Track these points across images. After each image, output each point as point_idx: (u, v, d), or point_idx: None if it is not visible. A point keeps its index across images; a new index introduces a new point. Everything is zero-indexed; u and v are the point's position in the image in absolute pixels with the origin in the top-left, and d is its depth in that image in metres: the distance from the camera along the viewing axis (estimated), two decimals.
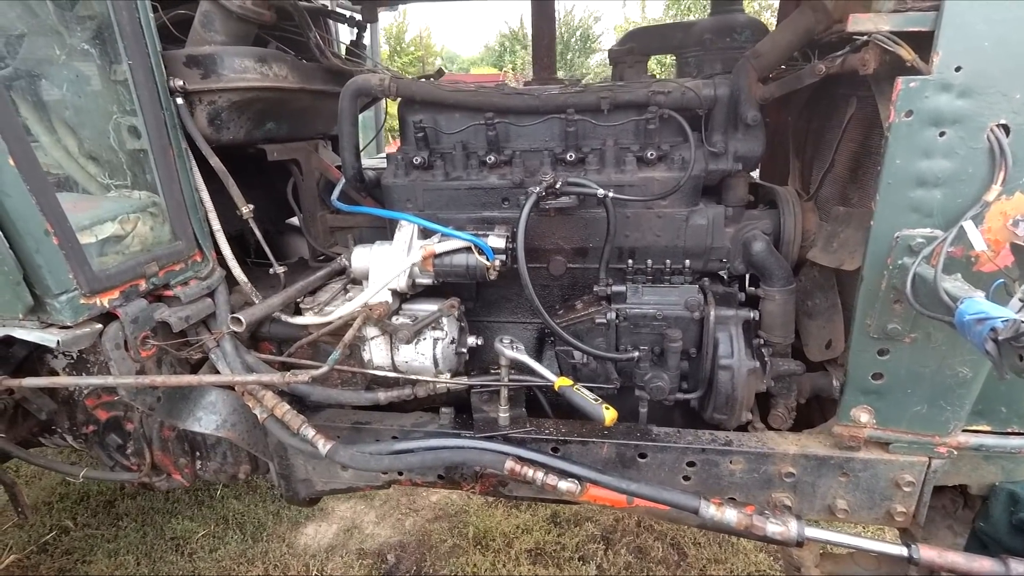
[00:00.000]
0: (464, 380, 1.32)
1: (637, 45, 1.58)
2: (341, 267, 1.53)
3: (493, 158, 1.38)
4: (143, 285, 1.20)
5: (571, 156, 1.35)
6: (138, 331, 1.17)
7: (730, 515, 0.96)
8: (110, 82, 1.19)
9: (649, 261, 1.34)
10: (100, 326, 1.11)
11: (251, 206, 1.34)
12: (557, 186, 1.21)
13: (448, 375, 1.35)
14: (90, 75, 1.18)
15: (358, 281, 1.43)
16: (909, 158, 1.03)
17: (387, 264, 1.31)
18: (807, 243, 1.35)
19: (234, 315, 1.25)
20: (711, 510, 0.97)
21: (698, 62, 1.48)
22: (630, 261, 1.35)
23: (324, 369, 1.11)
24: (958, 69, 0.97)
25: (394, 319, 1.31)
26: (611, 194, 1.21)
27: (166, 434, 1.56)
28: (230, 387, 1.34)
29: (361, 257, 1.37)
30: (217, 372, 1.29)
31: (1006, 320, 0.73)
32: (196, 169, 1.30)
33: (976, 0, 0.93)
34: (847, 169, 1.31)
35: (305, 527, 2.68)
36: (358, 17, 1.68)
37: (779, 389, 1.32)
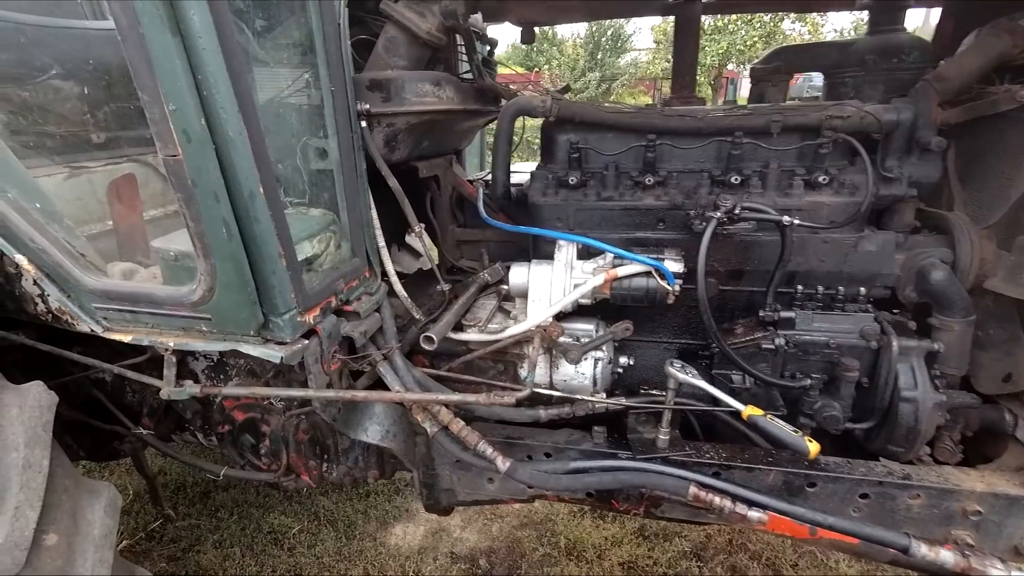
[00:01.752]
0: (625, 401, 1.35)
1: (784, 63, 1.58)
2: (485, 282, 1.58)
3: (650, 179, 1.41)
4: (334, 302, 1.27)
5: (735, 179, 1.36)
6: (330, 346, 1.25)
7: (945, 556, 0.97)
8: (304, 106, 1.27)
9: (819, 287, 1.34)
10: (307, 341, 1.19)
11: (422, 224, 1.40)
12: (737, 211, 1.23)
13: (604, 394, 1.39)
14: (288, 100, 1.26)
15: (511, 298, 1.48)
16: None
17: (551, 283, 1.36)
18: (983, 272, 1.33)
19: (426, 333, 1.32)
20: (923, 549, 0.98)
21: (856, 83, 1.47)
22: (799, 287, 1.36)
23: (526, 392, 1.16)
24: None
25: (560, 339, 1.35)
26: (796, 221, 1.21)
27: (300, 437, 1.65)
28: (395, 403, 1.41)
29: (519, 275, 1.42)
30: (384, 386, 1.37)
31: None
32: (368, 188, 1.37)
33: None
34: None
35: (393, 527, 2.78)
36: (492, 36, 1.74)
37: (947, 422, 1.31)
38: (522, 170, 1.62)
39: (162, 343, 1.25)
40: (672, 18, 1.67)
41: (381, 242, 1.42)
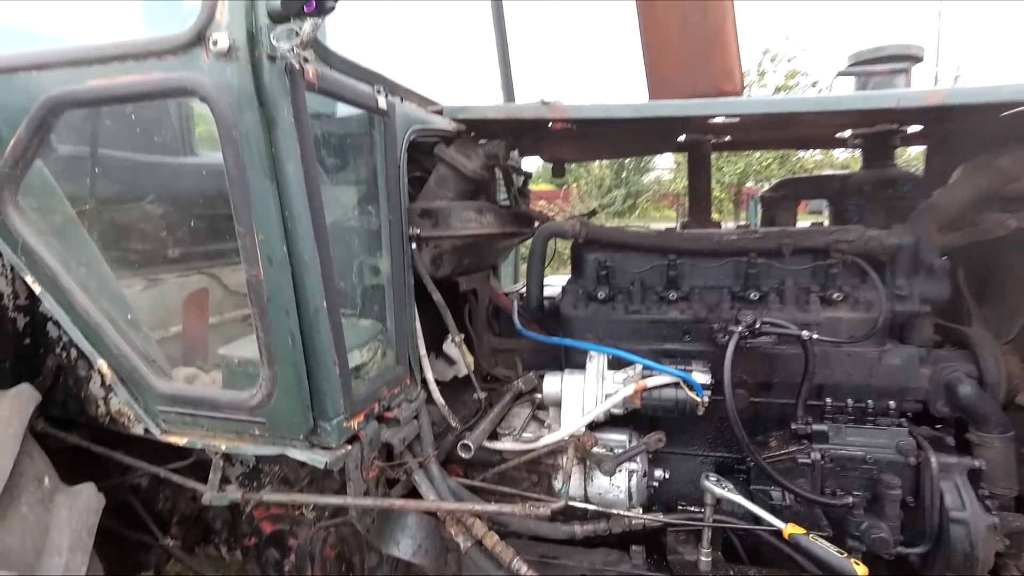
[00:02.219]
0: (663, 517, 1.33)
1: (791, 192, 1.77)
2: (519, 391, 1.65)
3: (674, 294, 1.53)
4: (376, 408, 1.35)
5: (754, 295, 1.47)
6: (371, 453, 1.31)
7: None
8: (363, 230, 1.47)
9: (849, 400, 1.37)
10: (350, 447, 1.25)
11: (462, 334, 1.52)
12: (757, 326, 1.32)
13: (640, 509, 1.37)
14: (351, 225, 1.46)
15: (544, 407, 1.53)
16: None
17: (584, 393, 1.42)
18: (1011, 386, 1.36)
19: (463, 441, 1.37)
20: None
21: (859, 209, 1.63)
22: (828, 399, 1.40)
23: (561, 503, 1.18)
24: None
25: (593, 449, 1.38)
26: (814, 335, 1.29)
27: (327, 553, 1.62)
28: (429, 512, 1.42)
29: (553, 384, 1.49)
30: (418, 495, 1.38)
31: None
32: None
33: None
34: None
35: None
36: (527, 172, 2.00)
37: (1010, 550, 1.25)
38: (554, 283, 1.77)
39: (214, 446, 1.32)
40: None
41: (423, 351, 1.53)
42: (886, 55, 1.52)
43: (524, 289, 1.69)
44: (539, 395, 1.56)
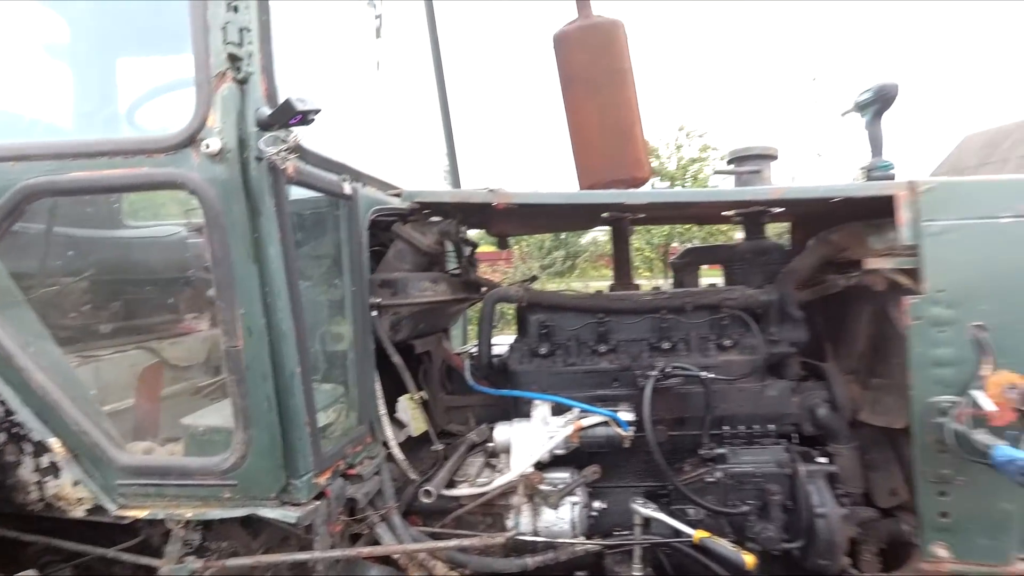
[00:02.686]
0: (601, 541, 1.58)
1: (693, 259, 2.20)
2: (473, 442, 1.85)
3: (603, 347, 1.85)
4: (341, 466, 1.50)
5: (666, 345, 1.83)
6: (337, 507, 1.44)
7: None
8: (328, 300, 1.65)
9: (741, 427, 1.73)
10: (318, 503, 1.38)
11: (422, 392, 1.71)
12: (668, 370, 1.66)
13: (583, 538, 1.61)
14: (318, 297, 1.64)
15: (497, 454, 1.75)
16: (925, 348, 1.53)
17: (532, 437, 1.66)
18: (855, 407, 1.80)
19: (424, 488, 1.54)
20: None
21: (744, 273, 2.07)
22: (726, 427, 1.74)
23: (512, 533, 1.39)
24: (941, 291, 1.53)
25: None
26: (712, 375, 1.65)
27: None
28: (388, 562, 1.55)
29: (503, 433, 1.72)
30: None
31: None
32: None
33: (945, 250, 1.52)
34: (871, 350, 1.82)
35: None
36: (475, 242, 2.29)
37: (863, 536, 1.63)
38: (502, 343, 2.03)
39: (178, 515, 1.39)
40: None
41: (383, 410, 1.70)
42: (752, 155, 2.02)
43: (475, 349, 1.93)
44: (491, 444, 1.77)
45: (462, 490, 1.64)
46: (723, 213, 2.13)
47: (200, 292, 1.84)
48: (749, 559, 1.37)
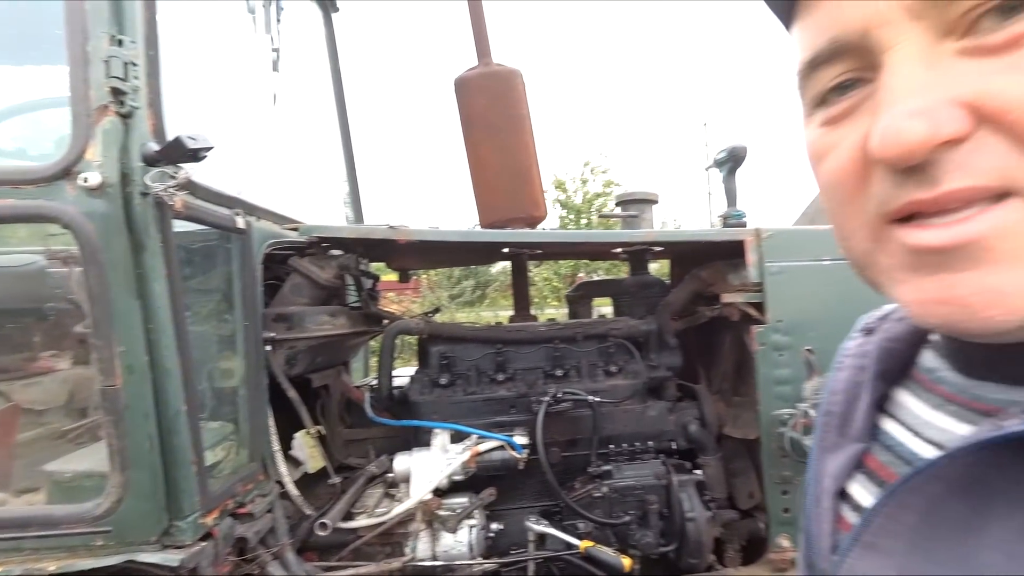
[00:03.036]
0: (498, 560, 1.69)
1: (586, 292, 2.43)
2: (372, 474, 1.90)
3: (501, 376, 1.99)
4: (230, 504, 1.49)
5: (559, 372, 2.01)
6: (225, 548, 1.43)
7: None
8: (219, 335, 1.64)
9: (625, 445, 1.94)
10: (204, 544, 1.37)
11: (320, 427, 1.74)
12: (559, 396, 1.83)
13: (481, 559, 1.71)
14: (207, 331, 1.63)
15: (396, 484, 1.81)
16: (769, 369, 1.83)
17: (431, 464, 1.75)
18: (721, 422, 2.08)
19: (320, 521, 1.56)
20: None
21: (629, 305, 2.32)
22: (612, 446, 1.94)
23: (408, 557, 1.46)
24: (780, 321, 1.84)
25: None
26: (596, 399, 1.84)
27: None
28: None
29: (403, 462, 1.79)
30: None
31: None
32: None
33: (782, 287, 1.84)
34: (734, 372, 2.13)
35: None
36: (376, 275, 2.36)
37: (727, 536, 1.89)
38: (402, 374, 2.10)
39: (39, 568, 1.31)
40: None
41: (276, 447, 1.71)
42: (635, 199, 2.30)
43: (375, 381, 1.99)
44: (391, 474, 1.83)
45: (360, 521, 1.68)
46: (612, 250, 2.38)
47: (59, 327, 1.74)
48: (627, 562, 1.54)
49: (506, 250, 2.27)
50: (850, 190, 0.39)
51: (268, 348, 1.71)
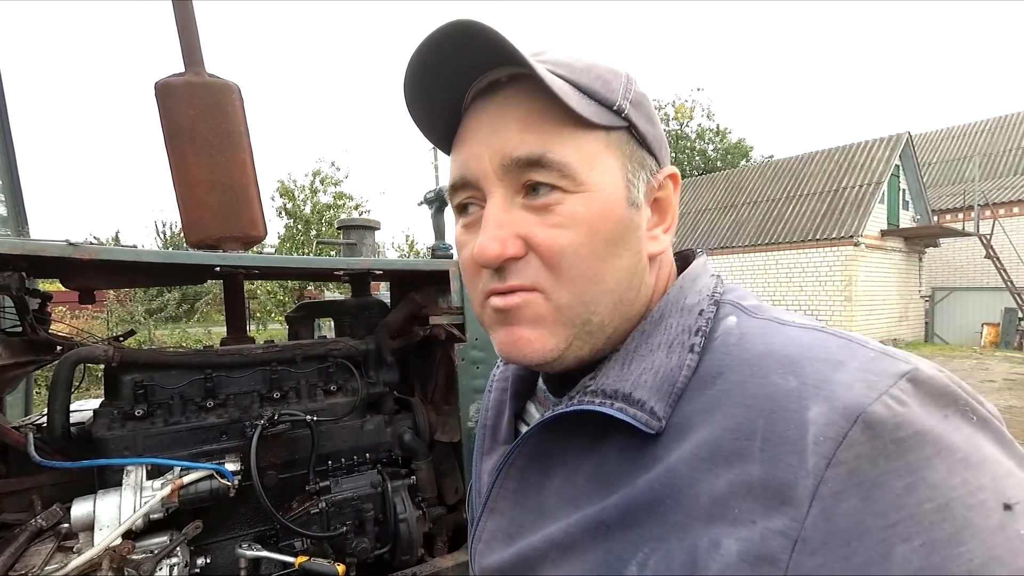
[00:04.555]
0: None
1: (307, 312, 2.68)
2: (38, 528, 1.78)
3: (211, 403, 2.10)
4: None
5: (276, 395, 2.23)
6: None
7: None
8: None
9: (343, 459, 2.27)
10: None
11: None
12: (275, 418, 2.06)
13: None
14: None
15: (75, 535, 1.76)
16: (469, 380, 2.42)
17: (120, 508, 1.76)
18: (433, 429, 2.60)
19: None
20: None
21: (351, 324, 2.68)
22: (330, 462, 2.25)
23: None
24: (477, 339, 2.46)
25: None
26: (313, 418, 2.13)
27: None
28: None
29: (83, 508, 1.76)
30: None
31: None
32: None
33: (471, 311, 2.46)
34: (444, 384, 2.68)
35: None
36: (48, 293, 2.16)
37: (436, 530, 2.40)
38: (81, 408, 2.00)
39: None
40: None
41: None
42: (357, 225, 2.68)
43: (43, 419, 1.85)
44: (65, 526, 1.77)
45: None
46: (335, 272, 2.71)
47: None
48: (340, 569, 1.87)
49: (218, 269, 2.38)
50: (472, 274, 0.64)
51: None
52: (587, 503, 0.60)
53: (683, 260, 0.75)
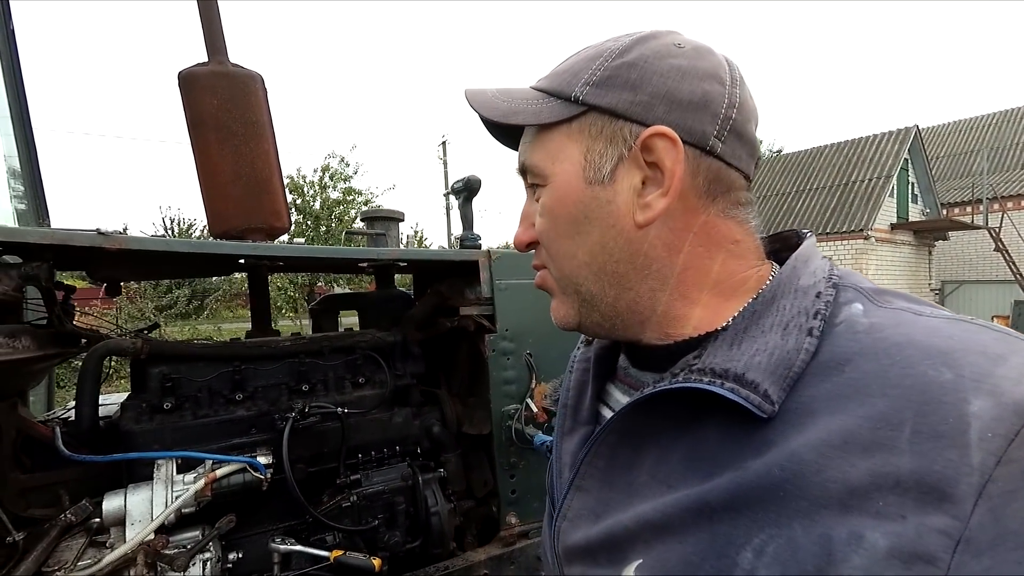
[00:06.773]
0: None
1: (331, 305, 2.64)
2: (68, 523, 1.75)
3: (240, 396, 2.06)
4: None
5: (305, 387, 2.18)
6: None
7: None
8: None
9: (372, 452, 2.23)
10: None
11: None
12: (306, 410, 2.01)
13: None
14: None
15: (106, 529, 1.72)
16: (498, 372, 2.37)
17: (152, 502, 1.72)
18: (460, 421, 2.55)
19: None
20: None
21: (375, 317, 2.64)
22: (359, 456, 2.20)
23: None
24: (507, 330, 2.40)
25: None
26: (344, 411, 2.09)
27: None
28: None
29: (114, 503, 1.72)
30: None
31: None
32: None
33: (507, 301, 2.40)
34: (470, 376, 2.63)
35: None
36: (72, 286, 2.12)
37: (466, 523, 2.35)
38: (108, 402, 1.96)
39: None
40: None
41: None
42: (381, 216, 2.63)
43: (69, 413, 1.81)
44: (96, 520, 1.73)
45: None
46: (359, 265, 2.67)
47: None
48: (376, 563, 1.82)
49: (242, 261, 2.34)
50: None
51: None
52: (682, 484, 0.58)
53: (783, 241, 0.74)
